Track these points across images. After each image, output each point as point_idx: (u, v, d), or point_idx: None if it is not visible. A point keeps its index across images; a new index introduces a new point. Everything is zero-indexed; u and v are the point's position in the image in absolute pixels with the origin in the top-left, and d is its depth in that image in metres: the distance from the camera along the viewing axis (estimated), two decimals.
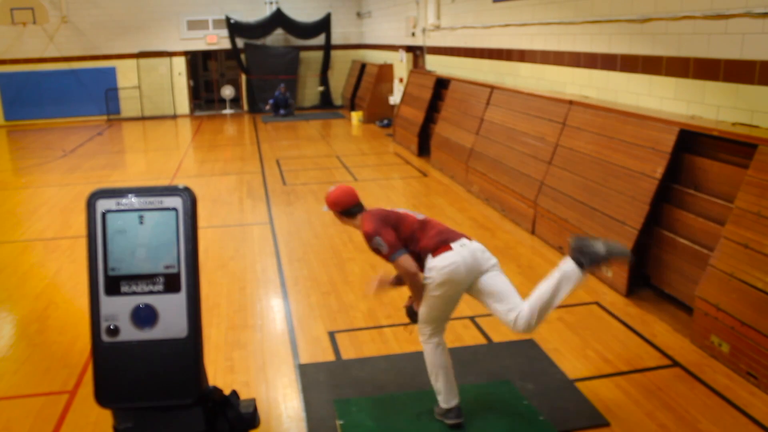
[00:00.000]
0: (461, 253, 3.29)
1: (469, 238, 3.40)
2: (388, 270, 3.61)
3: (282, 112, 17.19)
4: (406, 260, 3.29)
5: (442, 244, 3.31)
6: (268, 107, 17.47)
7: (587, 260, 3.22)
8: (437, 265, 3.27)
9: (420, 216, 3.51)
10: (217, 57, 21.15)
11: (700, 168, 4.92)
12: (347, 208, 3.51)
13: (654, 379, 3.99)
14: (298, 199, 8.64)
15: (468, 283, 3.34)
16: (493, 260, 3.39)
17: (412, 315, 3.57)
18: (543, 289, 3.29)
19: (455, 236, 3.38)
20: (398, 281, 3.59)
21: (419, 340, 3.51)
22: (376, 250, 3.37)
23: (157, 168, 11.50)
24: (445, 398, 3.46)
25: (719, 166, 4.75)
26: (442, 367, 3.44)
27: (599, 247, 3.23)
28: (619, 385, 3.93)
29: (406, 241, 3.38)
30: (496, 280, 3.36)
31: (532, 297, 3.30)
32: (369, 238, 3.34)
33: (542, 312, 3.28)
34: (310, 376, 4.11)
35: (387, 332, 4.68)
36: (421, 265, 3.37)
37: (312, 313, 5.07)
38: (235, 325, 4.88)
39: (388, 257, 3.31)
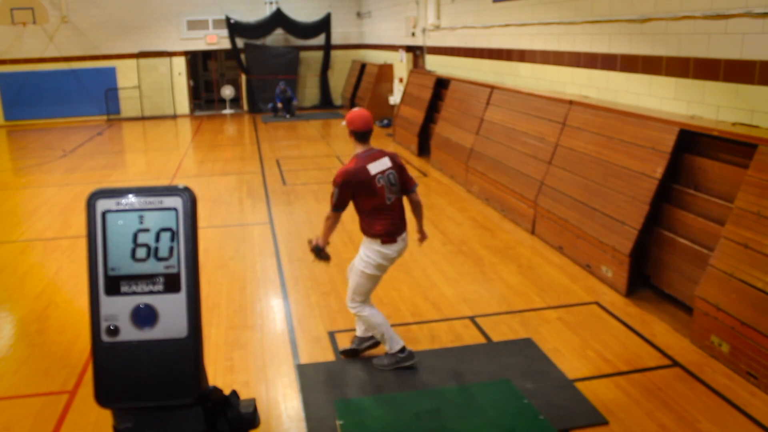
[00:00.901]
0: (398, 247, 4.01)
1: (406, 230, 4.07)
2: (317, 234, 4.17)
3: (287, 117, 17.03)
4: (337, 217, 3.98)
5: (389, 237, 3.95)
6: (274, 106, 17.27)
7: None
8: (382, 252, 3.95)
9: (390, 199, 3.97)
10: (217, 57, 21.15)
11: (700, 168, 4.92)
12: (355, 130, 3.98)
13: (654, 379, 3.99)
14: (298, 199, 8.65)
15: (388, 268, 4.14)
16: None
17: (319, 252, 4.12)
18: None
19: (400, 230, 4.01)
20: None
21: (352, 312, 4.13)
22: (330, 194, 3.97)
23: (157, 168, 11.50)
24: (393, 343, 4.08)
25: (719, 166, 4.75)
26: (382, 324, 4.08)
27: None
28: (619, 384, 3.93)
29: (366, 210, 3.94)
30: None
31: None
32: (334, 182, 3.91)
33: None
34: (309, 376, 4.11)
35: None
36: (366, 228, 3.97)
37: (312, 313, 5.07)
38: (235, 325, 4.88)
39: (332, 207, 3.95)
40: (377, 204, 3.92)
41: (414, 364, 4.12)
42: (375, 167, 3.91)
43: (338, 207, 3.94)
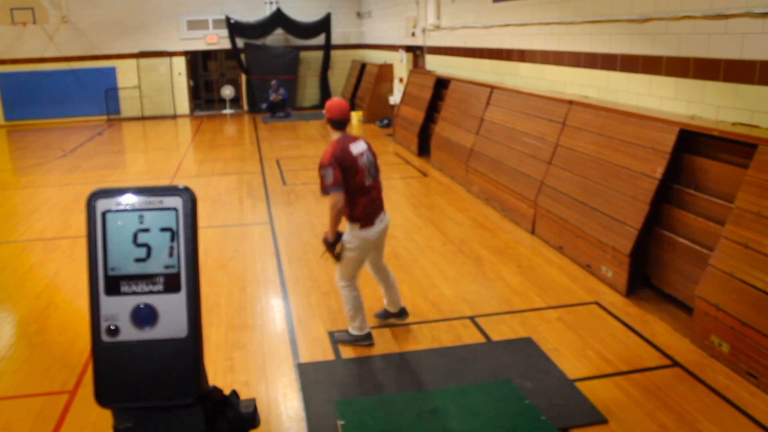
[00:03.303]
0: (377, 228, 4.22)
1: (384, 212, 4.31)
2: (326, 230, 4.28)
3: (281, 114, 17.10)
4: (340, 196, 4.04)
5: (367, 220, 4.16)
6: (265, 107, 17.42)
7: None
8: (360, 235, 4.17)
9: (369, 181, 4.18)
10: (217, 57, 21.15)
11: (700, 168, 4.92)
12: (332, 119, 4.20)
13: (654, 379, 3.99)
14: (298, 199, 8.65)
15: (373, 249, 4.35)
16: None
17: (328, 245, 4.26)
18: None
19: (378, 211, 4.23)
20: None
21: (337, 286, 4.40)
22: (321, 177, 4.05)
23: (157, 168, 11.50)
24: (361, 326, 4.41)
25: (719, 166, 4.75)
26: (358, 306, 4.36)
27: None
28: (619, 384, 3.93)
29: (348, 191, 4.09)
30: (382, 246, 4.49)
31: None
32: (321, 165, 4.04)
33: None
34: (309, 375, 4.11)
35: (386, 332, 4.68)
36: (347, 212, 4.16)
37: (312, 313, 5.08)
38: (235, 325, 4.88)
39: (325, 188, 4.03)
40: (359, 184, 4.10)
41: (373, 343, 4.46)
42: (355, 148, 4.16)
43: (337, 184, 4.01)
